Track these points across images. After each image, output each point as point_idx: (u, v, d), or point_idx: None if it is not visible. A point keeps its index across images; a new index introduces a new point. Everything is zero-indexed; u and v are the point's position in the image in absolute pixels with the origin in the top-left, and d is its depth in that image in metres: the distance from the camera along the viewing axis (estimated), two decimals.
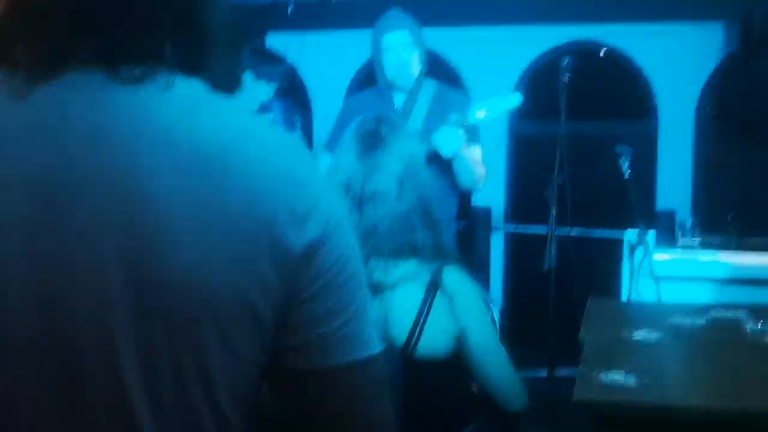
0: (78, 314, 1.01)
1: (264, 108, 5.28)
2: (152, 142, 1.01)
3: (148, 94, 1.03)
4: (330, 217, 1.09)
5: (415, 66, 4.39)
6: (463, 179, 4.33)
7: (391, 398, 1.17)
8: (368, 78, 4.85)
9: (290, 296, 1.06)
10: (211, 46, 1.09)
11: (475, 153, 4.39)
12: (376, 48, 4.43)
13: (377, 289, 2.55)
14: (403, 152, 2.66)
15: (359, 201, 2.64)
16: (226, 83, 1.11)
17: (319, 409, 1.12)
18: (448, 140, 4.16)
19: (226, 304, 1.03)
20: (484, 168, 4.39)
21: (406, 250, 2.59)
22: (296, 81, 7.59)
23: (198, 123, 1.04)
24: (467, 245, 6.63)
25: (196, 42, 1.08)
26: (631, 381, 2.36)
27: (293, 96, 7.15)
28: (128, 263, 1.00)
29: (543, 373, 5.25)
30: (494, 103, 4.31)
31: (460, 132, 4.18)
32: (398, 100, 4.46)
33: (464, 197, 4.58)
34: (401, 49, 4.37)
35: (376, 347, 1.13)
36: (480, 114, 4.27)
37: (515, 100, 4.38)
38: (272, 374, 1.11)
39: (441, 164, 4.15)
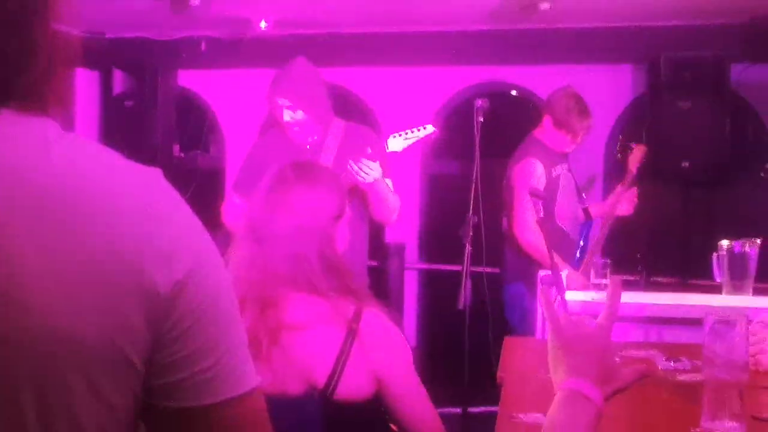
0: None
1: None
2: (1, 183, 0.98)
3: None
4: (197, 253, 1.06)
5: (303, 125, 4.44)
6: (378, 210, 4.37)
7: (270, 430, 1.15)
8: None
9: (158, 337, 1.03)
10: (51, 80, 1.05)
11: (388, 185, 4.45)
12: (270, 103, 4.51)
13: (287, 329, 2.56)
14: (303, 197, 2.68)
15: (261, 242, 2.66)
16: (63, 112, 1.07)
17: None
18: (365, 170, 4.21)
19: (92, 351, 1.00)
20: (397, 200, 4.44)
21: (312, 291, 2.60)
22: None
23: (50, 163, 1.00)
24: (381, 282, 6.66)
25: (34, 78, 1.03)
26: None
27: None
28: None
29: (457, 410, 5.28)
30: (409, 134, 4.38)
31: (377, 164, 4.22)
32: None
33: (377, 234, 4.62)
34: (284, 111, 4.43)
35: (250, 382, 1.11)
36: (395, 145, 4.34)
37: (429, 130, 4.45)
38: (146, 413, 1.08)
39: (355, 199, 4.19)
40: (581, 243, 5.43)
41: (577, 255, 5.26)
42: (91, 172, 1.02)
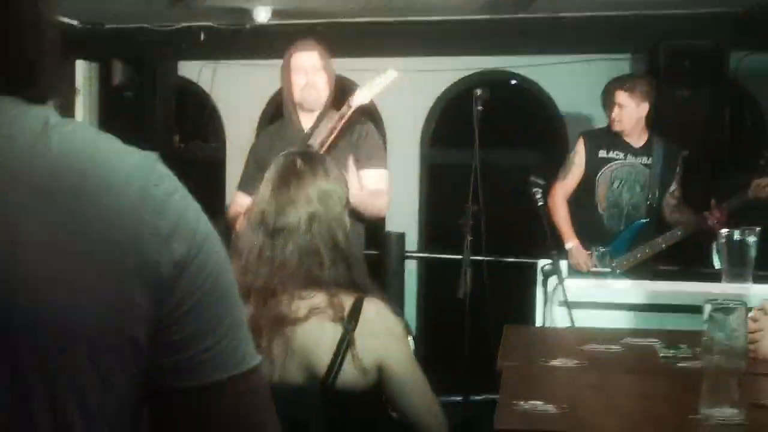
0: None
1: None
2: (1, 171, 0.98)
3: None
4: (195, 233, 1.07)
5: (323, 89, 4.43)
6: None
7: (272, 408, 1.17)
8: (280, 108, 4.87)
9: (161, 317, 1.04)
10: (49, 70, 1.06)
11: (382, 177, 4.44)
12: (285, 68, 4.50)
13: (285, 321, 2.57)
14: (317, 188, 2.69)
15: (271, 234, 2.67)
16: (62, 102, 1.08)
17: (201, 427, 1.11)
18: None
19: (99, 334, 1.01)
20: (382, 197, 4.42)
21: (314, 283, 2.62)
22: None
23: (48, 148, 1.01)
24: (380, 271, 6.66)
25: (33, 68, 1.05)
26: (550, 409, 2.40)
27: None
28: None
29: (457, 398, 5.30)
30: (371, 86, 4.39)
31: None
32: (305, 123, 4.49)
33: (377, 223, 4.63)
34: (309, 69, 4.42)
35: (252, 360, 1.13)
36: (361, 96, 4.35)
37: (390, 75, 4.45)
38: (150, 394, 1.09)
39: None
40: (623, 236, 5.42)
41: (611, 246, 5.28)
42: (90, 157, 1.03)
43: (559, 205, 5.45)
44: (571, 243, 5.36)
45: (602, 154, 5.46)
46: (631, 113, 5.37)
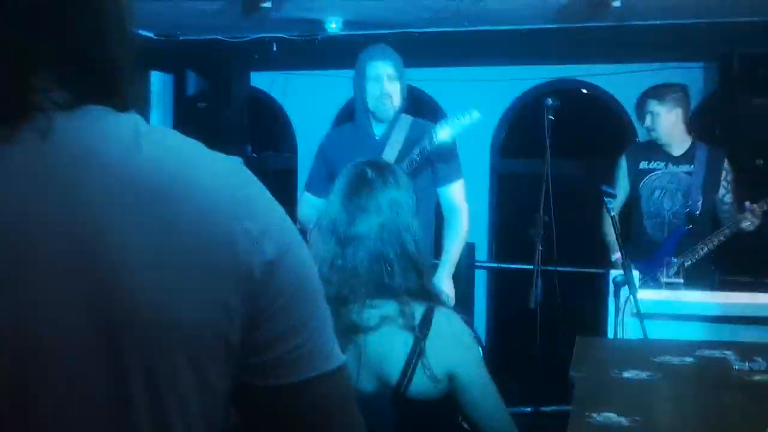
0: (50, 364, 0.99)
1: None
2: (99, 177, 1.01)
3: (86, 127, 1.03)
4: (283, 234, 1.10)
5: (396, 98, 4.43)
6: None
7: (356, 407, 1.19)
8: (351, 117, 4.90)
9: (253, 317, 1.07)
10: (125, 82, 1.09)
11: (462, 188, 4.47)
12: (359, 75, 4.49)
13: (356, 329, 2.59)
14: (387, 197, 2.71)
15: (342, 243, 2.69)
16: (139, 111, 1.10)
17: (287, 425, 1.15)
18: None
19: (196, 334, 1.03)
20: (466, 228, 4.58)
21: (385, 292, 2.63)
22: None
23: (141, 154, 1.03)
24: None
25: (116, 78, 1.07)
26: (623, 421, 2.39)
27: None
28: (95, 307, 0.99)
29: (527, 408, 5.28)
30: (455, 122, 4.37)
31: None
32: (377, 130, 4.50)
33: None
34: (384, 79, 4.41)
35: (338, 359, 1.16)
36: (443, 134, 4.33)
37: (475, 115, 4.42)
38: (238, 393, 1.12)
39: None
40: (666, 245, 5.36)
41: (656, 255, 5.22)
42: (179, 161, 1.06)
43: (606, 218, 5.42)
44: (615, 255, 5.31)
45: (643, 165, 5.45)
46: (663, 121, 5.33)
